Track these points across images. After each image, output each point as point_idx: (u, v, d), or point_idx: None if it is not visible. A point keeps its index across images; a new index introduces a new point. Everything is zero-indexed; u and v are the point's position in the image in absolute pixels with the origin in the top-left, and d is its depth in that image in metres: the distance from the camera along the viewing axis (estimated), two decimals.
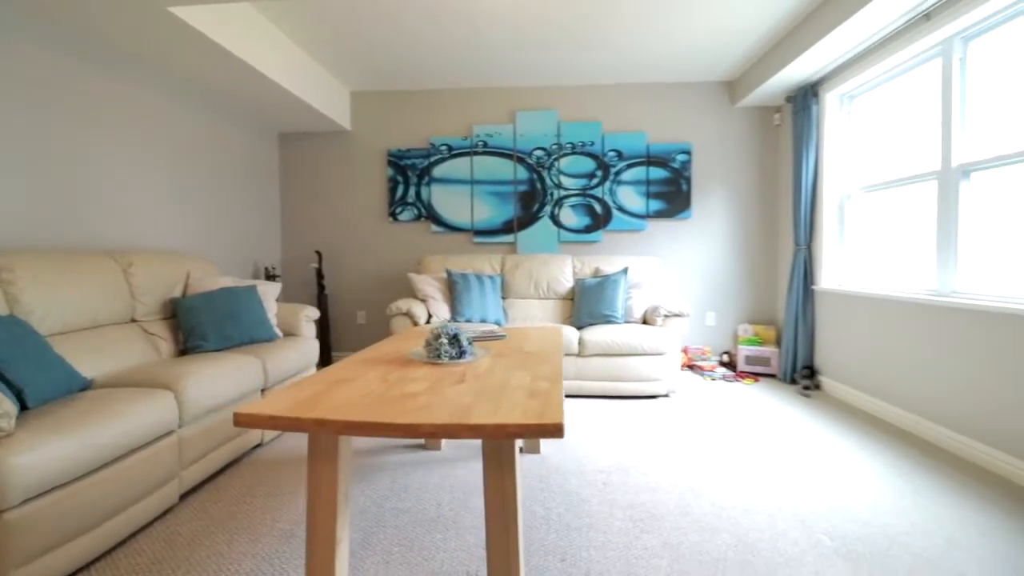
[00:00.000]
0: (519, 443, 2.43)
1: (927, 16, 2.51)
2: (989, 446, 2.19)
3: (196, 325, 2.51)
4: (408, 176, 4.24)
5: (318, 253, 4.22)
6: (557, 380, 1.45)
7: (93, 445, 1.48)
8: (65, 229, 2.41)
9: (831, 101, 3.43)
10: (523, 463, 2.24)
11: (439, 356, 1.69)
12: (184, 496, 1.94)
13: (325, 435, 1.28)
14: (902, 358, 2.73)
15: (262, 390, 2.43)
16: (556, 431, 1.08)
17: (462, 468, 2.20)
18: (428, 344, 1.73)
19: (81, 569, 1.49)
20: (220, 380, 2.07)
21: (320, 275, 4.19)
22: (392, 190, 4.26)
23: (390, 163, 4.25)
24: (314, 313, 3.08)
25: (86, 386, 1.86)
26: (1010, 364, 2.10)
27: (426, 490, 1.98)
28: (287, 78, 3.20)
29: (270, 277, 3.99)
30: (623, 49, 3.45)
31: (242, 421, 1.16)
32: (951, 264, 2.50)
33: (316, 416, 1.15)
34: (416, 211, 4.25)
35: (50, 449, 1.36)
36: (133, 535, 1.68)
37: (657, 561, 1.52)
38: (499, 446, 1.23)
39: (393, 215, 4.27)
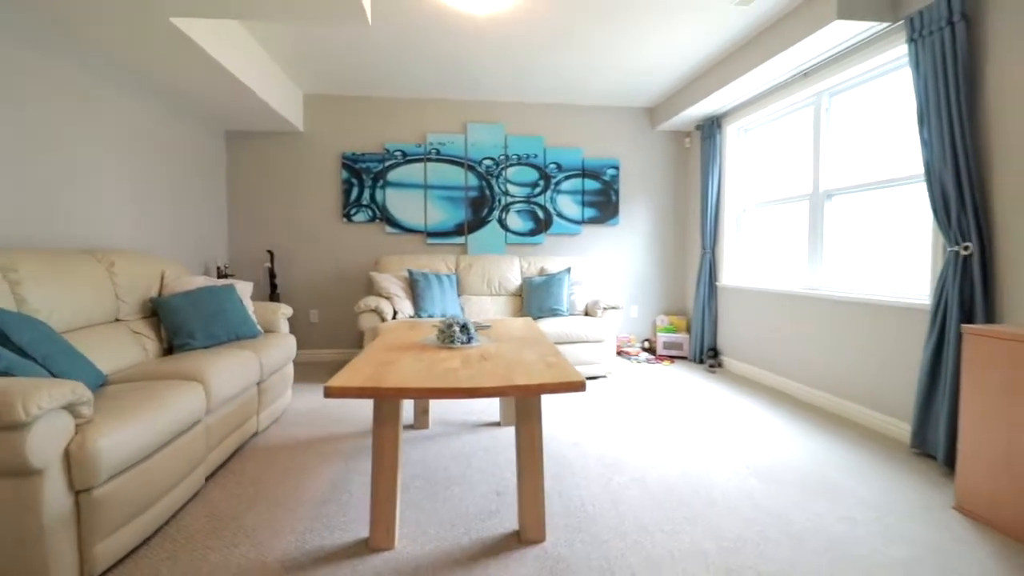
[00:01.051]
0: (499, 417, 2.82)
1: (805, 74, 3.27)
2: (842, 398, 2.97)
3: (182, 324, 2.59)
4: (363, 179, 4.42)
5: (270, 252, 4.26)
6: (560, 355, 1.87)
7: (153, 430, 1.64)
8: (37, 227, 2.39)
9: (732, 132, 4.20)
10: (503, 434, 2.63)
11: (453, 341, 2.04)
12: (208, 478, 2.10)
13: (389, 402, 1.59)
14: (782, 338, 3.50)
15: (258, 383, 2.58)
16: (581, 386, 1.50)
17: (454, 441, 2.54)
18: (442, 332, 2.07)
19: (142, 544, 1.65)
20: (234, 373, 2.23)
21: (272, 274, 4.23)
22: (347, 192, 4.41)
23: (344, 166, 4.40)
24: (289, 311, 3.22)
25: (104, 381, 1.96)
26: (857, 340, 2.88)
27: (429, 460, 2.31)
28: (244, 71, 3.14)
29: (223, 276, 3.98)
30: (566, 77, 3.95)
31: (334, 393, 1.45)
32: (817, 265, 3.29)
33: (396, 386, 1.47)
34: (371, 213, 4.44)
35: (123, 434, 1.52)
36: (175, 514, 1.84)
37: (630, 492, 2.00)
38: (529, 402, 1.62)
39: (347, 216, 4.43)
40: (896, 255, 2.77)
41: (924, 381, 2.33)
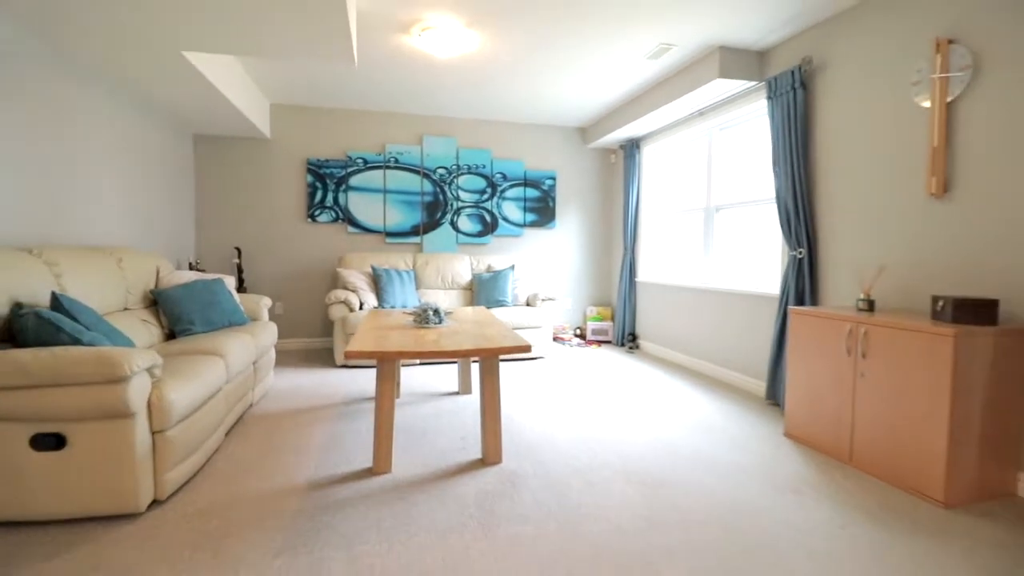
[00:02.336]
0: (457, 387, 3.42)
1: (701, 113, 4.10)
2: (724, 367, 3.83)
3: (183, 312, 2.98)
4: (327, 183, 4.83)
5: (237, 249, 4.59)
6: (511, 331, 2.51)
7: (200, 390, 2.11)
8: (49, 227, 2.70)
9: (648, 152, 5.01)
10: (462, 399, 3.24)
11: (428, 322, 2.62)
12: (226, 435, 2.55)
13: (390, 363, 2.16)
14: (682, 323, 4.35)
15: (254, 362, 3.01)
16: (528, 348, 2.14)
17: (423, 405, 3.12)
18: (419, 315, 2.65)
19: (192, 477, 2.11)
20: (240, 352, 2.68)
21: (240, 269, 4.57)
22: (311, 195, 4.81)
23: (309, 171, 4.79)
24: (269, 302, 3.64)
25: None
26: (734, 322, 3.74)
27: (405, 419, 2.87)
28: (220, 81, 3.42)
29: (193, 270, 4.27)
30: (512, 100, 4.58)
31: (353, 355, 2.00)
32: (708, 264, 4.14)
33: (395, 350, 2.05)
34: (334, 214, 4.87)
35: (183, 391, 1.98)
36: (209, 459, 2.30)
37: (563, 433, 2.68)
38: (492, 361, 2.25)
39: (312, 217, 4.83)
40: (760, 257, 3.64)
41: (773, 350, 3.19)
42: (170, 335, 2.99)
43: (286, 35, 2.57)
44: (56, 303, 2.03)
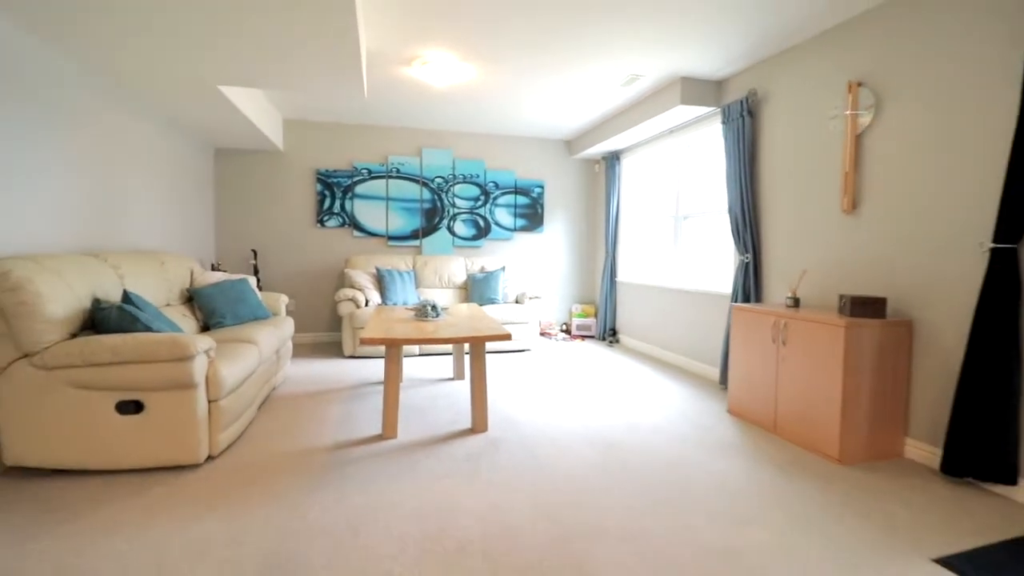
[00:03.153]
0: (452, 374, 3.91)
1: (671, 131, 4.60)
2: (689, 357, 4.32)
3: (215, 307, 3.46)
4: (335, 191, 5.31)
5: (254, 251, 5.07)
6: (497, 323, 3.00)
7: (242, 370, 2.59)
8: (102, 234, 3.17)
9: (627, 163, 5.51)
10: (456, 384, 3.72)
11: (426, 316, 3.11)
12: (258, 409, 3.03)
13: (396, 348, 2.65)
14: (655, 319, 4.84)
15: (277, 350, 3.49)
16: (508, 336, 2.63)
17: (423, 389, 3.61)
18: (419, 310, 3.13)
19: (235, 441, 2.60)
20: (268, 340, 3.17)
21: (256, 269, 5.04)
22: (320, 202, 5.29)
23: (319, 180, 5.27)
24: (287, 299, 4.12)
25: None
26: (698, 317, 4.23)
27: (407, 400, 3.36)
28: (242, 102, 3.93)
29: (215, 270, 4.74)
30: (503, 116, 5.06)
31: (367, 341, 2.49)
32: (677, 266, 4.64)
33: (401, 337, 2.53)
34: (341, 220, 5.35)
35: (231, 369, 2.47)
36: (246, 428, 2.78)
37: (542, 408, 3.17)
38: (480, 346, 2.73)
39: (320, 222, 5.31)
40: (719, 260, 4.13)
41: (725, 341, 3.68)
42: (204, 328, 3.47)
43: (308, 72, 3.05)
44: (127, 299, 2.51)
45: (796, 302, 2.95)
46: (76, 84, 2.90)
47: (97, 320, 2.35)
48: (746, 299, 3.57)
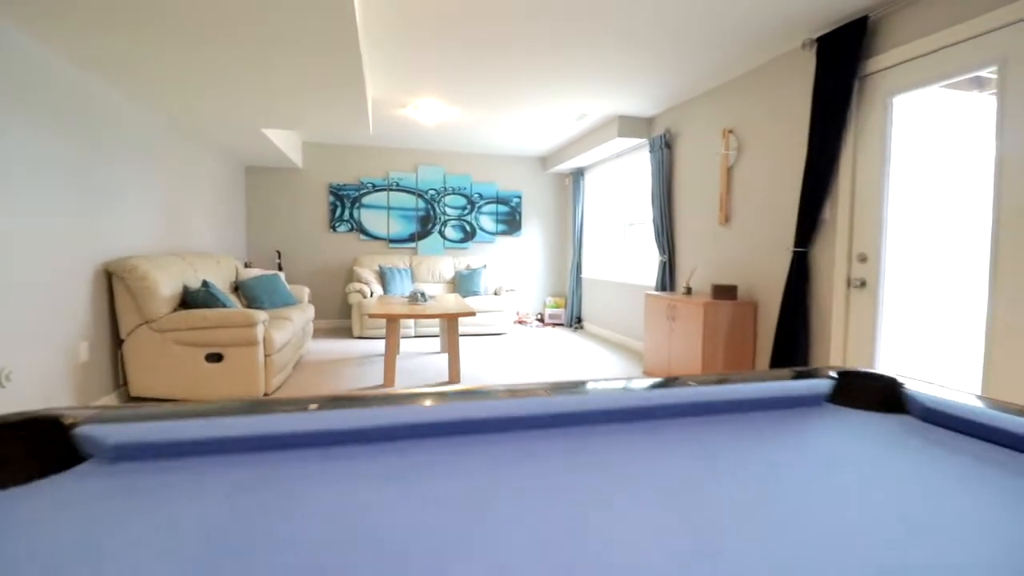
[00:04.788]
0: (439, 349, 4.98)
1: (618, 155, 5.65)
2: (630, 336, 5.38)
3: (257, 295, 4.53)
4: (344, 202, 6.38)
5: (278, 252, 6.14)
6: (468, 306, 4.07)
7: (286, 336, 3.66)
8: (169, 239, 4.25)
9: (589, 178, 6.56)
10: (440, 356, 4.78)
11: (417, 301, 4.17)
12: (293, 368, 4.11)
13: (395, 321, 3.72)
14: (610, 307, 5.89)
15: (303, 327, 4.56)
16: (473, 313, 3.70)
17: (414, 360, 4.67)
18: (412, 297, 4.20)
19: (280, 386, 3.67)
20: (298, 318, 4.23)
21: (280, 267, 6.12)
22: (332, 211, 6.36)
23: (331, 192, 6.34)
24: (308, 290, 5.19)
25: None
26: (635, 306, 5.29)
27: (402, 365, 4.43)
28: (274, 133, 5.07)
29: (248, 267, 5.81)
30: (486, 138, 6.12)
31: (374, 315, 3.56)
32: (624, 264, 5.69)
33: (404, 313, 3.61)
34: (349, 226, 6.42)
35: (278, 334, 3.54)
36: (286, 379, 3.85)
37: (510, 372, 4.23)
38: (453, 321, 3.80)
39: (332, 228, 6.38)
40: (651, 260, 5.18)
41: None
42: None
43: (328, 118, 4.12)
44: (206, 285, 3.59)
45: (689, 290, 4.00)
46: (158, 129, 3.97)
47: (189, 299, 3.43)
48: (663, 289, 4.63)
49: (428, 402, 0.83)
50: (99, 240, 3.16)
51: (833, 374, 0.98)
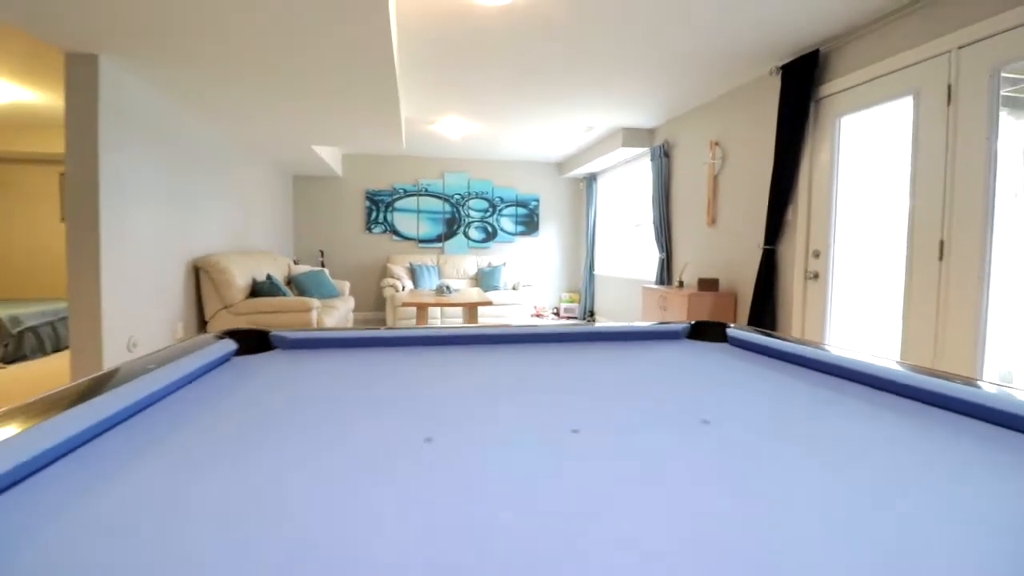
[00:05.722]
0: None
1: (627, 161, 6.19)
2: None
3: (307, 287, 5.27)
4: (379, 206, 7.11)
5: (321, 251, 6.92)
6: (485, 297, 4.71)
7: (335, 321, 4.36)
8: (236, 241, 5.02)
9: (601, 183, 7.11)
10: None
11: (442, 293, 4.83)
12: None
13: (424, 309, 4.38)
14: (617, 300, 6.44)
15: (345, 315, 5.28)
16: (489, 303, 4.34)
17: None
18: (438, 289, 4.86)
19: None
20: (342, 307, 4.95)
21: (323, 264, 6.89)
22: (368, 214, 7.10)
23: (367, 198, 7.08)
24: (348, 284, 5.92)
25: None
26: (639, 298, 5.83)
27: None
28: (321, 148, 5.85)
29: (296, 264, 6.59)
30: (506, 146, 6.75)
31: (406, 304, 4.24)
32: (631, 261, 6.22)
33: (431, 302, 4.27)
34: (383, 227, 7.15)
35: (329, 318, 4.24)
36: None
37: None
38: (473, 309, 4.44)
39: (368, 229, 7.12)
40: (654, 257, 5.71)
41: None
42: None
43: (368, 136, 4.82)
44: (269, 278, 4.33)
45: (681, 284, 4.53)
46: (225, 147, 4.75)
47: (257, 289, 4.17)
48: (661, 283, 5.16)
49: (455, 330, 1.45)
50: (187, 240, 3.93)
51: (691, 323, 1.56)
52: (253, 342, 1.30)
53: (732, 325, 1.48)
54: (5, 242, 5.88)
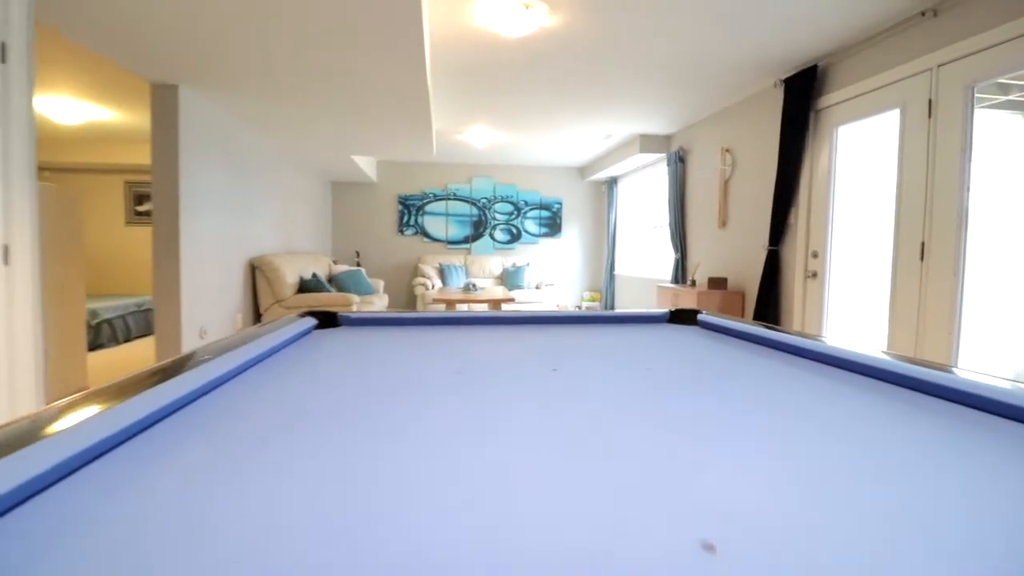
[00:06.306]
0: None
1: (645, 166, 6.47)
2: None
3: (346, 285, 5.75)
4: (410, 210, 7.58)
5: (357, 252, 7.42)
6: (508, 294, 5.08)
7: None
8: (285, 242, 5.52)
9: (621, 186, 7.40)
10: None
11: (469, 290, 5.23)
12: None
13: (452, 305, 4.79)
14: (637, 299, 6.71)
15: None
16: (512, 300, 4.71)
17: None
18: (465, 287, 5.26)
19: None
20: (377, 302, 5.40)
21: (359, 264, 7.39)
22: (400, 217, 7.57)
23: (400, 202, 7.55)
24: (382, 283, 6.39)
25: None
26: (655, 297, 6.10)
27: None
28: (358, 157, 6.34)
29: (337, 264, 7.11)
30: (529, 152, 7.11)
31: (436, 300, 4.65)
32: (649, 262, 6.49)
33: (459, 299, 4.67)
34: (415, 230, 7.61)
35: (369, 309, 4.69)
36: None
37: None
38: (497, 305, 4.82)
39: (401, 231, 7.59)
40: (668, 258, 5.97)
41: None
42: None
43: (403, 147, 5.26)
44: (315, 276, 4.81)
45: (693, 283, 4.80)
46: (275, 158, 5.26)
47: (304, 285, 4.65)
48: (676, 282, 5.43)
49: (475, 314, 1.83)
50: (245, 242, 4.43)
51: (669, 311, 1.89)
52: (327, 320, 1.70)
53: (703, 312, 1.81)
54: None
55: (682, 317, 1.86)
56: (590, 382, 1.01)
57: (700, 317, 1.78)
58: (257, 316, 4.56)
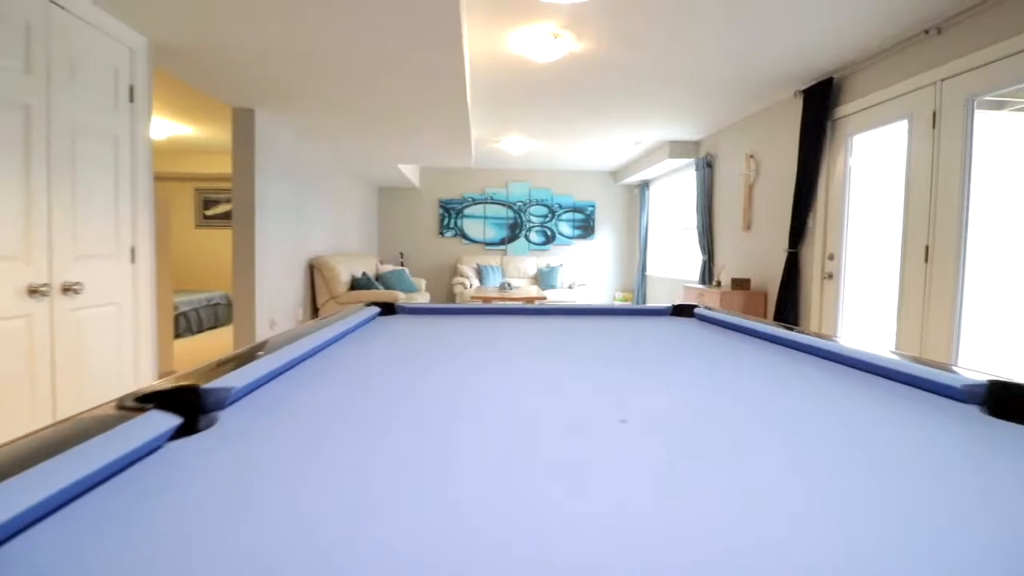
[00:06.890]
0: None
1: (675, 171, 6.69)
2: None
3: (391, 283, 6.24)
4: (451, 213, 8.04)
5: (401, 253, 7.95)
6: (541, 293, 5.43)
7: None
8: (336, 244, 6.07)
9: (653, 190, 7.61)
10: None
11: (505, 290, 5.61)
12: None
13: (488, 302, 5.19)
14: (668, 299, 6.91)
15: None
16: (544, 299, 5.05)
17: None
18: (501, 287, 5.65)
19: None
20: (420, 299, 5.87)
21: (403, 264, 7.91)
22: (441, 220, 8.05)
23: (440, 206, 8.03)
24: (424, 282, 6.86)
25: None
26: (684, 297, 6.31)
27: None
28: (404, 165, 6.85)
29: (384, 264, 7.65)
30: (563, 158, 7.44)
31: (475, 298, 5.05)
32: (682, 263, 6.69)
33: (495, 296, 5.06)
34: (454, 232, 8.06)
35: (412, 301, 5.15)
36: None
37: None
38: (531, 303, 5.19)
39: (441, 234, 8.06)
40: (696, 259, 6.16)
41: None
42: None
43: (445, 155, 5.70)
44: (365, 275, 5.31)
45: (719, 284, 5.01)
46: (329, 168, 5.80)
47: (355, 283, 5.15)
48: (703, 283, 5.63)
49: (508, 304, 2.20)
50: (304, 244, 4.96)
51: (672, 304, 2.20)
52: (387, 309, 2.11)
53: (700, 306, 2.11)
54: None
55: (682, 311, 2.17)
56: (593, 348, 1.36)
57: (696, 311, 2.09)
58: (315, 310, 5.09)
